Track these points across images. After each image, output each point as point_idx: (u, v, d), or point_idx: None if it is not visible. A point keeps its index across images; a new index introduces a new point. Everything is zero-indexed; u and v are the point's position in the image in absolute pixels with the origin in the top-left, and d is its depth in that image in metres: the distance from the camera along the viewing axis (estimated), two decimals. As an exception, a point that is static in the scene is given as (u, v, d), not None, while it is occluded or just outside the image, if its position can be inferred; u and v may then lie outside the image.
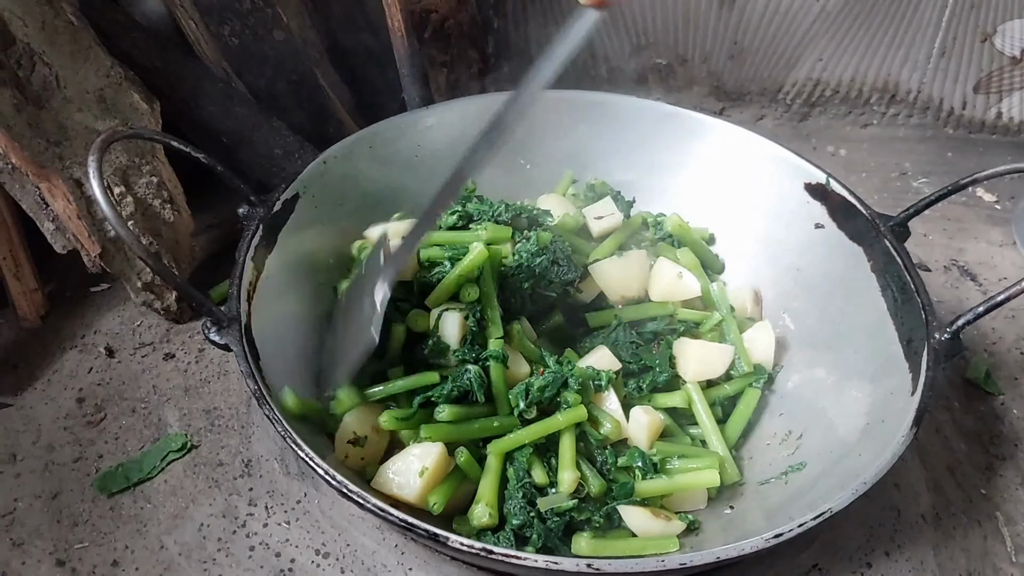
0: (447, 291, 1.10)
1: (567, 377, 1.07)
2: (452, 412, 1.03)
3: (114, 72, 1.24)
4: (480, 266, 1.10)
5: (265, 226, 1.12)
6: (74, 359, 1.31)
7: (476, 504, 0.99)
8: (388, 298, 1.00)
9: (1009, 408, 1.28)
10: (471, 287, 1.09)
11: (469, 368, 1.05)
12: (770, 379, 1.21)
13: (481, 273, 1.11)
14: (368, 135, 1.31)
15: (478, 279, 1.11)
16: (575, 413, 1.04)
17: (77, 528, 1.08)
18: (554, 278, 1.16)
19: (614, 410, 1.09)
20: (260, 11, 1.44)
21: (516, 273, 1.13)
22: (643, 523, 1.00)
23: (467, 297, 1.09)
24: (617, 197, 1.37)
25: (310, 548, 1.06)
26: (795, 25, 1.74)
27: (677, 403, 1.14)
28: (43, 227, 1.20)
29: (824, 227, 1.23)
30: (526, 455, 1.03)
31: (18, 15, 1.12)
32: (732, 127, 1.34)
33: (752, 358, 1.20)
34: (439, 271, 1.14)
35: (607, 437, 1.07)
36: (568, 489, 1.00)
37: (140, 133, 1.13)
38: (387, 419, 1.02)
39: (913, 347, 1.04)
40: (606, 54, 1.84)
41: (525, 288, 1.14)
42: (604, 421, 1.07)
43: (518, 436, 1.03)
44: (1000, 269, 1.54)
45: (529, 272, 1.14)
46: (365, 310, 1.01)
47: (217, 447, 1.18)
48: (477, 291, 1.09)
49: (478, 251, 1.10)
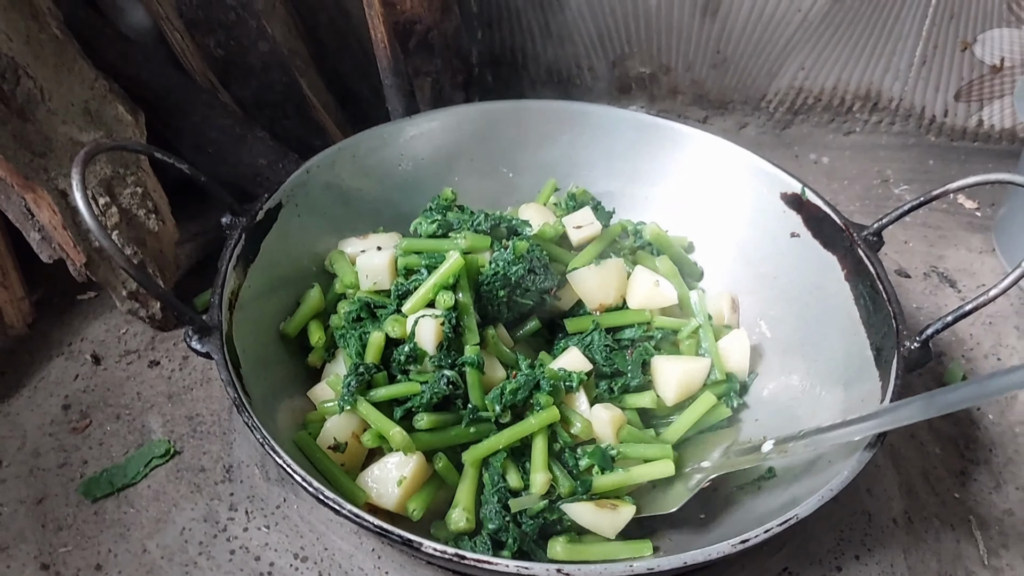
0: (424, 299, 1.12)
1: (539, 379, 1.08)
2: (431, 420, 1.05)
3: (98, 84, 1.26)
4: (456, 274, 1.12)
5: (248, 235, 1.14)
6: (60, 366, 1.32)
7: (453, 509, 1.01)
8: None
9: (984, 413, 1.29)
10: (447, 294, 1.11)
11: (446, 374, 1.06)
12: (744, 388, 1.23)
13: (457, 281, 1.12)
14: (351, 145, 1.33)
15: (454, 287, 1.12)
16: (547, 415, 1.06)
17: (61, 532, 1.09)
18: (530, 286, 1.17)
19: (584, 410, 1.11)
20: (245, 23, 1.45)
21: (492, 281, 1.15)
22: (589, 517, 1.02)
23: (443, 304, 1.10)
24: (597, 207, 1.38)
25: (289, 552, 1.07)
26: (777, 34, 1.76)
27: (646, 403, 1.16)
28: (29, 237, 1.22)
29: (800, 236, 1.25)
30: (500, 460, 1.04)
31: (2, 29, 1.13)
32: (711, 137, 1.36)
33: (727, 366, 1.22)
34: (416, 279, 1.16)
35: (577, 436, 1.09)
36: (540, 490, 1.02)
37: (124, 145, 1.15)
38: (369, 437, 1.04)
39: (884, 355, 1.05)
40: (590, 64, 1.86)
41: (501, 296, 1.15)
42: (575, 421, 1.09)
43: (492, 442, 1.04)
44: (979, 276, 1.56)
45: (505, 280, 1.15)
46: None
47: (199, 453, 1.20)
48: (453, 298, 1.11)
49: (454, 259, 1.11)
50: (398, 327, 1.11)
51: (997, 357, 1.39)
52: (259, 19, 1.47)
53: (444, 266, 1.12)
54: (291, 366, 1.18)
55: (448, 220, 1.25)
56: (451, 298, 1.10)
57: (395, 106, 1.46)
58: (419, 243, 1.22)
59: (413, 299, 1.12)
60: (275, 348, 1.17)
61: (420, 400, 1.06)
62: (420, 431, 1.05)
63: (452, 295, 1.11)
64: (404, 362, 1.09)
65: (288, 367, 1.18)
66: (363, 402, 1.05)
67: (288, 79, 1.52)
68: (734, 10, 1.73)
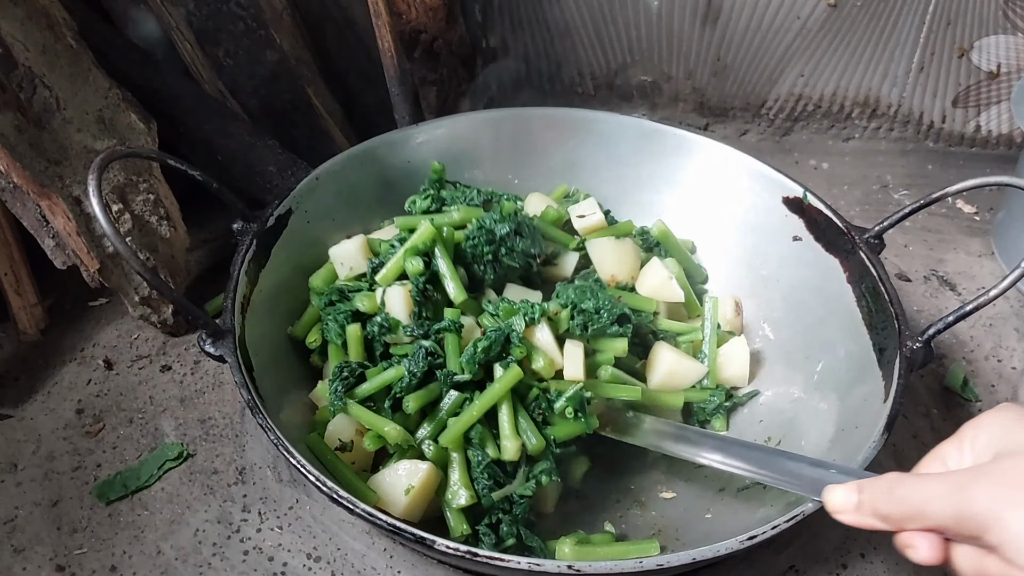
0: (396, 268, 1.12)
1: (508, 333, 1.06)
2: (417, 400, 1.03)
3: (112, 93, 1.28)
4: (427, 241, 1.11)
5: (259, 241, 1.15)
6: (73, 371, 1.34)
7: (448, 488, 1.01)
8: None
9: (986, 416, 1.31)
10: (416, 260, 1.10)
11: (423, 345, 1.05)
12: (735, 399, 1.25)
13: (433, 249, 1.12)
14: (359, 152, 1.34)
15: (428, 254, 1.12)
16: (510, 376, 1.02)
17: (76, 535, 1.11)
18: (516, 246, 1.16)
19: (547, 344, 1.09)
20: (254, 32, 1.48)
21: (478, 236, 1.14)
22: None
23: (413, 270, 1.10)
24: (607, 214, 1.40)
25: (302, 552, 1.09)
26: (776, 42, 1.78)
27: (617, 352, 1.15)
28: (43, 244, 1.23)
29: (802, 240, 1.26)
30: (478, 434, 1.02)
31: (20, 40, 1.15)
32: (713, 143, 1.38)
33: (725, 374, 1.24)
34: (390, 252, 1.17)
35: (538, 373, 1.07)
36: (513, 456, 1.00)
37: (138, 152, 1.17)
38: (369, 440, 1.04)
39: (886, 355, 1.07)
40: (592, 72, 1.88)
41: (486, 252, 1.14)
42: (537, 357, 1.06)
43: (465, 418, 1.01)
44: (979, 279, 1.58)
45: (490, 236, 1.14)
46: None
47: (212, 455, 1.21)
48: (421, 263, 1.10)
49: (425, 228, 1.12)
50: (368, 301, 1.12)
51: (997, 359, 1.40)
52: (267, 29, 1.49)
53: (415, 235, 1.13)
54: (300, 368, 1.20)
55: (441, 196, 1.27)
56: (419, 263, 1.10)
57: (401, 114, 1.48)
58: (412, 220, 1.24)
59: (384, 270, 1.14)
60: (285, 350, 1.19)
61: (400, 385, 1.05)
62: (411, 415, 1.04)
63: (421, 260, 1.10)
64: (379, 334, 1.09)
65: (297, 369, 1.20)
66: (353, 404, 1.06)
67: (296, 88, 1.55)
68: (734, 18, 1.75)
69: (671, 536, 1.07)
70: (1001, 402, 1.30)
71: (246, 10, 1.47)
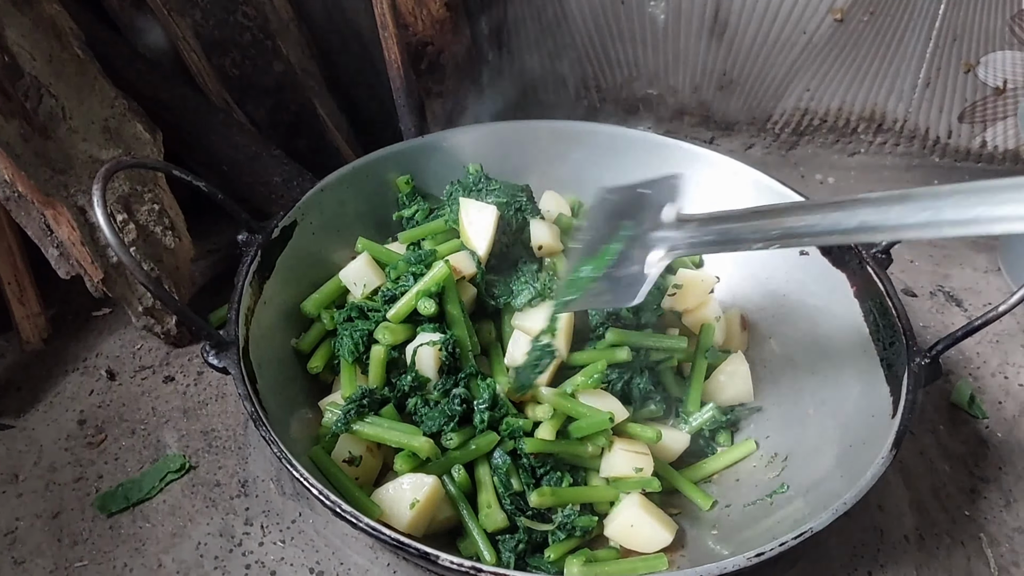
0: (407, 305, 1.13)
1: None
2: (460, 436, 1.07)
3: (118, 103, 1.28)
4: (440, 282, 1.12)
5: (263, 252, 1.15)
6: (76, 381, 1.33)
7: (482, 510, 1.04)
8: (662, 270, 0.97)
9: (993, 432, 1.30)
10: (428, 302, 1.11)
11: (456, 393, 1.08)
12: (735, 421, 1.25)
13: (444, 291, 1.13)
14: (365, 164, 1.34)
15: (440, 296, 1.13)
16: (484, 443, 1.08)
17: (77, 547, 1.10)
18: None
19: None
20: (260, 43, 1.48)
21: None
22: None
23: (425, 311, 1.11)
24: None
25: (304, 567, 1.08)
26: (783, 56, 1.78)
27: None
28: (47, 253, 1.23)
29: (808, 254, 1.26)
30: (505, 465, 1.06)
31: (26, 48, 1.15)
32: (719, 156, 1.38)
33: (727, 394, 1.23)
34: (403, 284, 1.18)
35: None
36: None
37: (143, 162, 1.17)
38: (402, 461, 1.04)
39: (894, 371, 1.06)
40: (598, 84, 1.89)
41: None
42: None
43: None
44: (985, 295, 1.57)
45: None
46: (631, 270, 0.97)
47: (214, 468, 1.20)
48: (434, 305, 1.11)
49: (439, 269, 1.13)
50: (388, 335, 1.12)
51: (1004, 375, 1.39)
52: (274, 40, 1.49)
53: (429, 275, 1.14)
54: (303, 380, 1.19)
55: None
56: (432, 306, 1.11)
57: (407, 125, 1.48)
58: (415, 232, 1.28)
59: (397, 307, 1.14)
60: (289, 363, 1.18)
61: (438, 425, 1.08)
62: (451, 450, 1.07)
63: (434, 303, 1.11)
64: (409, 392, 1.10)
65: (300, 382, 1.19)
66: (376, 421, 1.07)
67: (302, 99, 1.55)
68: (740, 32, 1.76)
69: (677, 552, 1.07)
70: (1008, 418, 1.31)
71: (253, 21, 1.47)
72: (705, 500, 1.11)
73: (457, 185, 1.33)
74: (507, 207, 1.25)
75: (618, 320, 1.21)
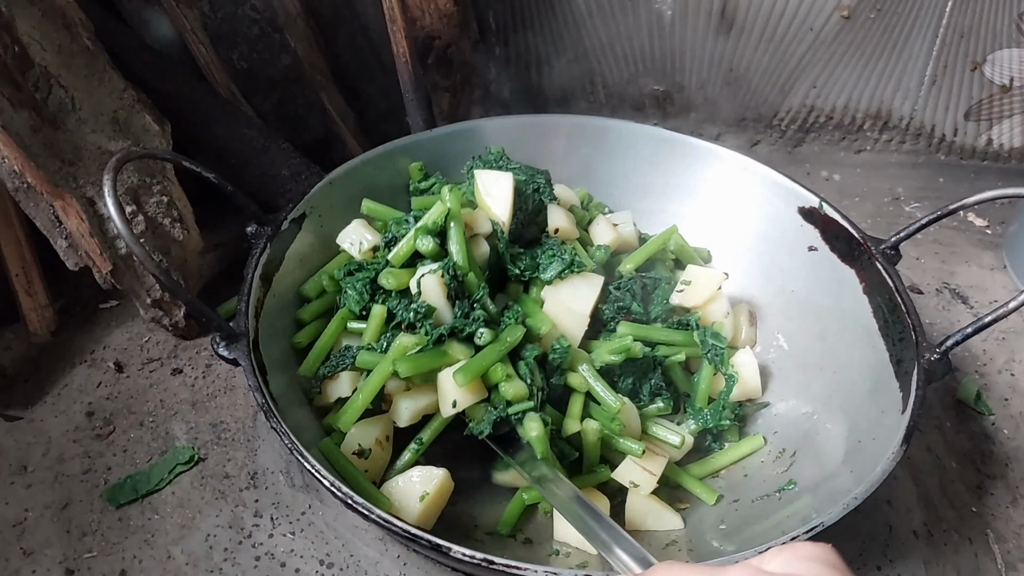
0: (408, 246, 1.13)
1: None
2: (490, 333, 1.07)
3: (127, 95, 1.28)
4: (440, 220, 1.12)
5: (272, 245, 1.15)
6: (84, 374, 1.33)
7: (504, 381, 1.05)
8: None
9: (999, 428, 1.30)
10: (426, 239, 1.11)
11: (475, 316, 1.09)
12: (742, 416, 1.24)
13: (445, 228, 1.13)
14: (373, 157, 1.34)
15: (443, 234, 1.13)
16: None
17: (86, 538, 1.10)
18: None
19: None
20: (268, 37, 1.48)
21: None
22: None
23: (425, 250, 1.11)
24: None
25: (314, 558, 1.08)
26: (789, 53, 1.78)
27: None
28: (56, 244, 1.23)
29: (817, 250, 1.26)
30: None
31: (37, 39, 1.15)
32: (728, 152, 1.38)
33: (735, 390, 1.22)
34: (404, 228, 1.19)
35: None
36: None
37: (153, 153, 1.17)
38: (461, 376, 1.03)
39: (903, 367, 1.06)
40: (604, 80, 1.88)
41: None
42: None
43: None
44: (991, 292, 1.58)
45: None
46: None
47: (224, 460, 1.20)
48: (432, 242, 1.11)
49: (438, 206, 1.13)
50: (392, 279, 1.12)
51: (1011, 372, 1.40)
52: (282, 33, 1.49)
53: (428, 215, 1.14)
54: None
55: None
56: (431, 242, 1.10)
57: (414, 119, 1.47)
58: (428, 199, 1.30)
59: (397, 248, 1.14)
60: (296, 355, 1.18)
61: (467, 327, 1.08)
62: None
63: (433, 240, 1.11)
64: (415, 319, 1.09)
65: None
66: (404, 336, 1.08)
67: (309, 92, 1.54)
68: (747, 29, 1.76)
69: (684, 546, 1.07)
70: (1015, 415, 1.31)
71: (261, 14, 1.47)
72: (710, 495, 1.11)
73: (477, 160, 1.33)
74: (526, 184, 1.25)
75: (629, 314, 1.21)
